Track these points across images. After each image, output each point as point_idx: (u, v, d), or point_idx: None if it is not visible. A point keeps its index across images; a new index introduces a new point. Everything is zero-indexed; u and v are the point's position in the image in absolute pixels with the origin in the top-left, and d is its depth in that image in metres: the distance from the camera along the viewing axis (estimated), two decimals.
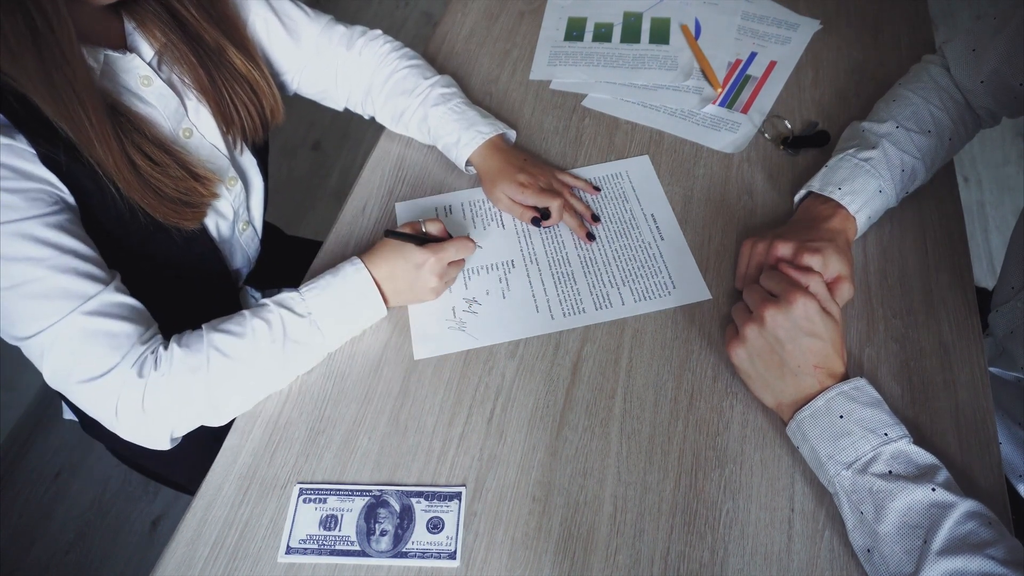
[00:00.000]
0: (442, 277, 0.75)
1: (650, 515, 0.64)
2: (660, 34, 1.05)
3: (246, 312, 0.70)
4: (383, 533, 0.64)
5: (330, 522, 0.65)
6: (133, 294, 0.67)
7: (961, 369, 0.71)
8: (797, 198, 0.80)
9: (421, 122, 0.89)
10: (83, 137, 0.61)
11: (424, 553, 0.63)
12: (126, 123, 0.66)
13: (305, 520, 0.65)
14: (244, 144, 0.82)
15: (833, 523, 0.63)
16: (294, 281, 0.82)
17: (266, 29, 0.85)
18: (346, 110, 0.97)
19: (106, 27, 0.70)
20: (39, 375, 0.65)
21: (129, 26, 0.71)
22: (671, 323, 0.76)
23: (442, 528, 0.64)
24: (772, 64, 1.01)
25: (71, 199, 0.64)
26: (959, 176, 1.03)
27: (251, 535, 0.65)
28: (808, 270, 0.68)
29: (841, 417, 0.61)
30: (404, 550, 0.63)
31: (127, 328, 0.64)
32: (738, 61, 1.01)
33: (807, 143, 0.91)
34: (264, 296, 0.99)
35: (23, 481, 1.56)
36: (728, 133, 0.93)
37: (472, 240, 0.77)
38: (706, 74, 0.99)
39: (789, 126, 0.93)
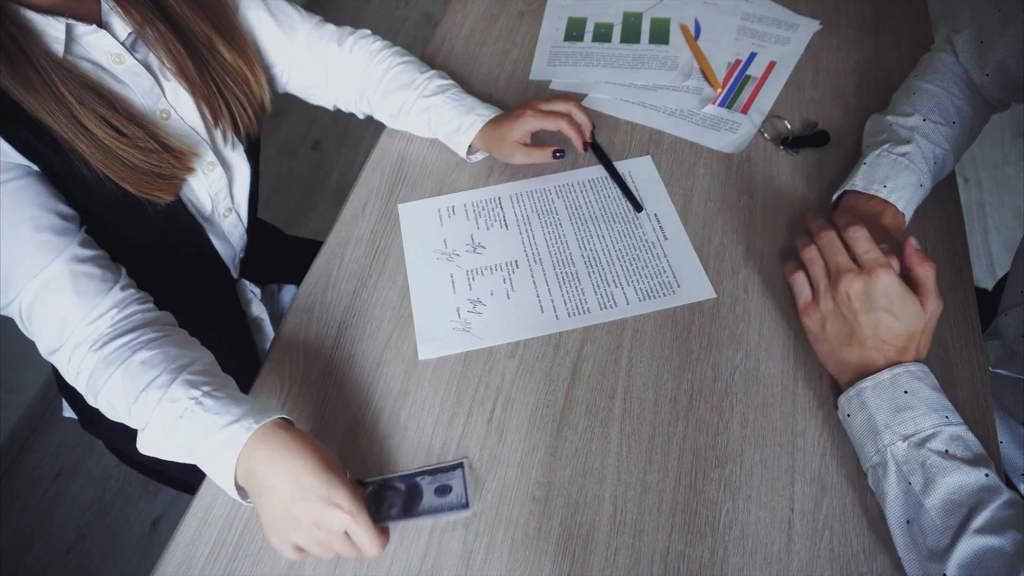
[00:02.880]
0: (329, 539, 0.57)
1: (650, 515, 0.64)
2: (660, 34, 1.05)
3: (158, 373, 0.62)
4: (391, 507, 0.64)
5: None
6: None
7: (961, 369, 0.71)
8: (835, 198, 0.80)
9: (420, 113, 0.89)
10: (29, 103, 0.61)
11: (437, 510, 0.64)
12: (88, 94, 0.65)
13: None
14: (237, 137, 0.81)
15: (833, 523, 0.63)
16: (294, 278, 0.82)
17: (257, 22, 0.85)
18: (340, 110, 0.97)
19: (80, 3, 0.68)
20: (39, 375, 0.66)
21: (107, 6, 0.69)
22: (671, 323, 0.76)
23: (450, 491, 0.65)
24: (772, 64, 1.01)
25: (30, 165, 0.64)
26: (959, 176, 1.03)
27: (251, 535, 0.65)
28: (925, 259, 0.67)
29: (906, 392, 0.62)
30: (415, 513, 0.64)
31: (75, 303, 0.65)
32: (738, 61, 1.01)
33: (807, 143, 0.91)
34: (263, 292, 0.99)
35: (23, 481, 1.56)
36: (728, 133, 0.93)
37: (381, 549, 0.58)
38: (706, 74, 0.99)
39: (789, 126, 0.93)
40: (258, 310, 0.97)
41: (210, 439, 0.59)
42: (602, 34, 1.06)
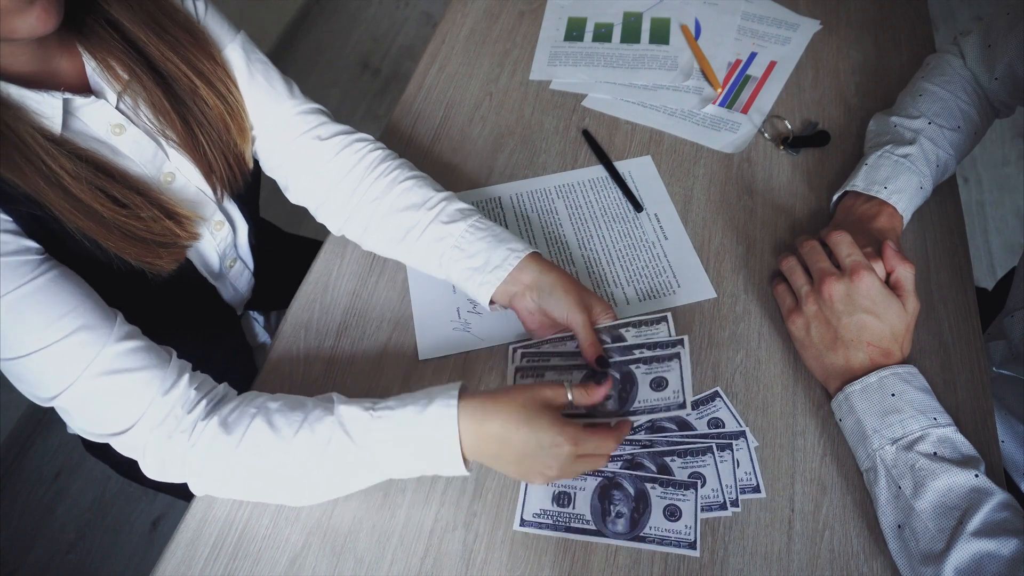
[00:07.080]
0: (566, 469, 0.60)
1: None
2: (660, 34, 1.05)
3: (308, 405, 0.62)
4: (607, 397, 0.64)
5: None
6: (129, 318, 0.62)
7: (961, 369, 0.71)
8: (835, 198, 0.80)
9: (433, 243, 0.73)
10: (12, 181, 0.55)
11: (653, 409, 0.63)
12: (82, 167, 0.59)
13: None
14: (225, 192, 0.74)
15: (833, 523, 0.63)
16: (295, 287, 0.81)
17: (234, 68, 0.73)
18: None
19: (60, 68, 0.62)
20: None
21: (89, 67, 0.63)
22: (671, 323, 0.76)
23: (666, 385, 0.64)
24: (772, 64, 1.01)
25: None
26: (959, 176, 1.03)
27: (251, 535, 0.65)
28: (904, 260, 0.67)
29: (893, 395, 0.62)
30: (630, 410, 0.63)
31: (140, 383, 0.59)
32: (738, 61, 1.01)
33: (807, 143, 0.91)
34: (267, 318, 0.99)
35: (23, 481, 1.56)
36: (728, 133, 0.93)
37: (621, 436, 0.62)
38: (706, 74, 0.99)
39: (789, 126, 0.93)
40: (263, 336, 0.97)
41: (432, 436, 0.59)
42: (602, 34, 1.06)
